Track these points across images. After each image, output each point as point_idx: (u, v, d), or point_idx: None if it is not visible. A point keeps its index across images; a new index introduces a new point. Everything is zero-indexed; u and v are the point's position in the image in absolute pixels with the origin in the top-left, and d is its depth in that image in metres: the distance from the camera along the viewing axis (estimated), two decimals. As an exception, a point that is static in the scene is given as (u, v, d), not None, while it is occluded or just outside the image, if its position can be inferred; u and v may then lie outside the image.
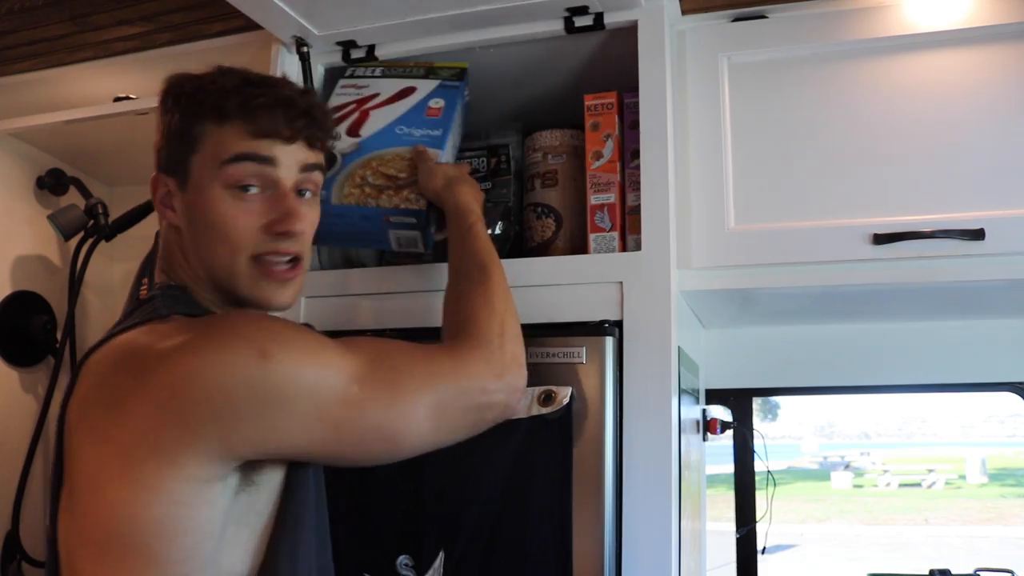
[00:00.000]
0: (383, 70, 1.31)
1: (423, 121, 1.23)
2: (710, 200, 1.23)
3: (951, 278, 1.14)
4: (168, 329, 0.79)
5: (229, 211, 0.87)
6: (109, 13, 1.51)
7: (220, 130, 0.87)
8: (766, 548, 1.57)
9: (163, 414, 0.73)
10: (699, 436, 1.36)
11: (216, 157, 0.87)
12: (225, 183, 0.87)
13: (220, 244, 0.88)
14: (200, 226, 0.88)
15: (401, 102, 1.26)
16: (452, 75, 1.29)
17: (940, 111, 1.17)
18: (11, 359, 1.69)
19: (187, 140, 0.88)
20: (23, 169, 1.75)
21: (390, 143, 1.21)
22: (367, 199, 1.16)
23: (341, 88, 1.30)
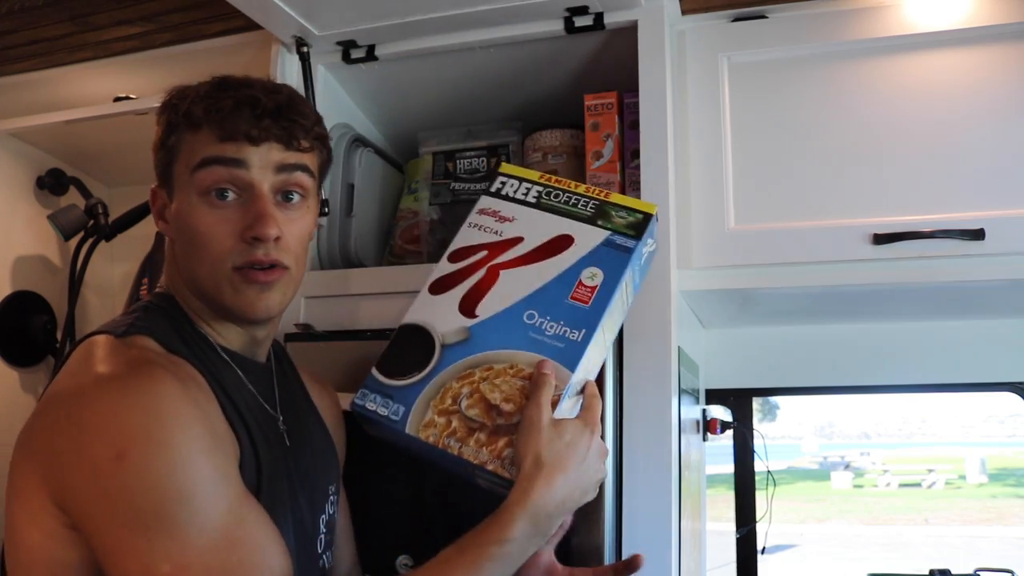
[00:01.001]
0: (541, 190, 0.95)
1: (566, 308, 0.87)
2: (710, 200, 1.23)
3: (951, 278, 1.14)
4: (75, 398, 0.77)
5: (207, 220, 0.85)
6: (109, 13, 1.51)
7: (193, 137, 0.86)
8: (766, 548, 1.57)
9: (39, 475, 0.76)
10: (699, 436, 1.36)
11: (189, 164, 0.86)
12: (198, 190, 0.85)
13: (200, 254, 0.86)
14: (184, 238, 0.87)
15: (547, 263, 0.90)
16: (629, 225, 0.93)
17: (940, 111, 1.17)
18: (11, 359, 1.69)
19: (168, 150, 0.88)
20: (23, 169, 1.75)
21: (510, 342, 0.86)
22: (450, 440, 0.84)
23: (478, 213, 0.97)
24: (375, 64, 1.37)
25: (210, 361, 0.87)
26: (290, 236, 0.88)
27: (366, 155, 1.44)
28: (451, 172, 1.40)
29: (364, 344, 1.22)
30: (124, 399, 0.74)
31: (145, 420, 0.73)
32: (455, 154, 1.41)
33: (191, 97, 0.87)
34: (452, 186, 1.40)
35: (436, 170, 1.41)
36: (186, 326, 0.88)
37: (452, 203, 1.39)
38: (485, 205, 0.97)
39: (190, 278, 0.88)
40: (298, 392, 1.03)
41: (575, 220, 0.93)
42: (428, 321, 0.89)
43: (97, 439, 0.73)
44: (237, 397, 0.86)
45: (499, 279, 0.90)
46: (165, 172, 0.90)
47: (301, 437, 0.96)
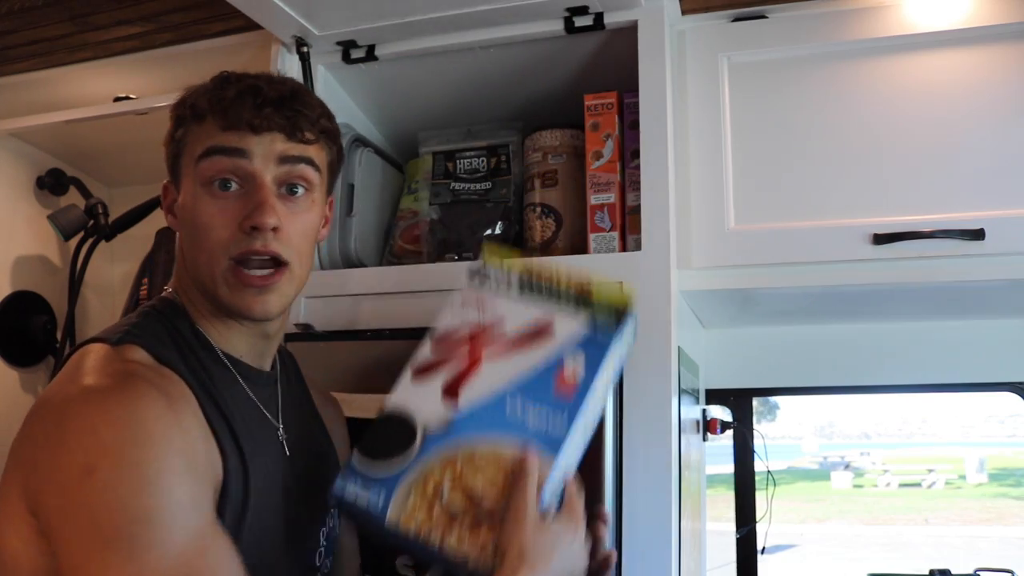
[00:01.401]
0: (523, 277, 0.95)
1: (548, 399, 0.87)
2: (710, 200, 1.23)
3: (951, 278, 1.14)
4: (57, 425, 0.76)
5: (208, 210, 0.84)
6: (109, 13, 1.51)
7: (198, 129, 0.86)
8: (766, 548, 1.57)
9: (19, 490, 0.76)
10: (699, 436, 1.36)
11: (192, 155, 0.86)
12: (201, 180, 0.85)
13: (202, 246, 0.85)
14: (187, 229, 0.87)
15: (530, 352, 0.90)
16: (609, 317, 0.92)
17: (940, 111, 1.17)
18: (11, 359, 1.69)
19: (175, 143, 0.89)
20: (23, 169, 1.75)
21: (492, 426, 0.86)
22: (431, 531, 0.81)
23: (460, 297, 0.96)
24: (375, 64, 1.37)
25: (207, 369, 0.85)
26: (292, 230, 0.86)
27: (366, 155, 1.44)
28: (451, 172, 1.40)
29: (364, 344, 1.22)
30: (103, 414, 0.73)
31: (120, 437, 0.72)
32: (455, 154, 1.41)
33: (198, 91, 0.88)
34: (452, 186, 1.40)
35: (436, 170, 1.41)
36: (186, 331, 0.87)
37: (452, 203, 1.39)
38: (468, 293, 0.96)
39: (194, 272, 0.88)
40: (303, 401, 1.02)
41: (556, 308, 0.93)
42: (410, 408, 0.87)
43: (71, 452, 0.72)
44: (232, 407, 0.85)
45: (482, 367, 0.89)
46: (174, 166, 0.90)
47: (303, 448, 0.95)
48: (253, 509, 0.82)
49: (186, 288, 0.90)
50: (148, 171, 1.81)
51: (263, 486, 0.84)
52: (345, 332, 1.23)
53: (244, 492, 0.81)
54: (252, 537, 0.82)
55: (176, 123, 0.89)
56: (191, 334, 0.87)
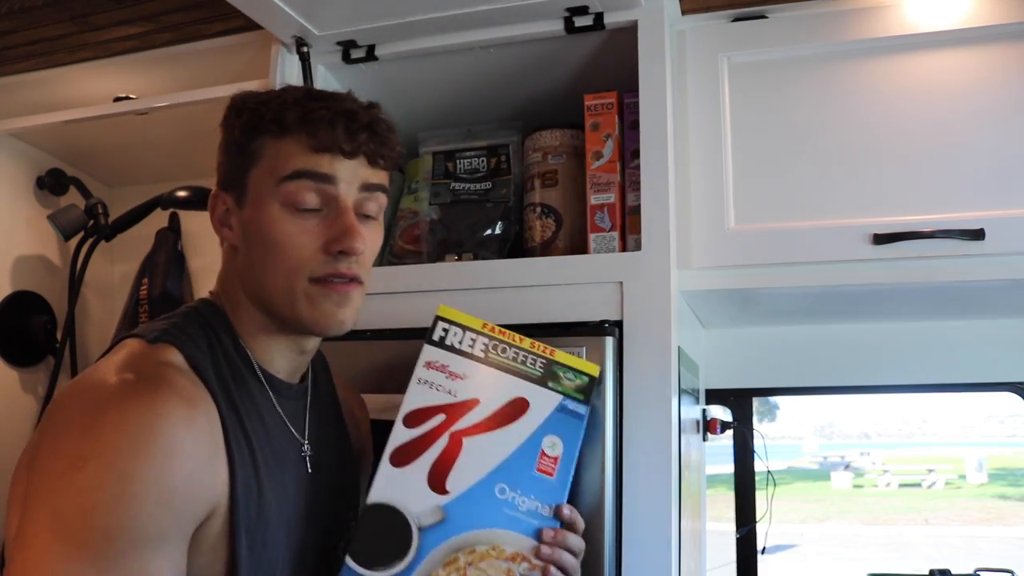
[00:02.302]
0: (487, 343, 0.94)
1: (533, 480, 0.88)
2: (710, 200, 1.23)
3: (951, 278, 1.14)
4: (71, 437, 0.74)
5: (287, 229, 0.83)
6: (109, 13, 1.51)
7: (279, 144, 0.84)
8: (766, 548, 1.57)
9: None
10: (699, 436, 1.36)
11: (275, 173, 0.84)
12: (283, 201, 0.83)
13: (278, 265, 0.83)
14: (257, 246, 0.85)
15: (507, 430, 0.90)
16: (578, 389, 0.94)
17: (940, 111, 1.17)
18: (11, 359, 1.69)
19: (246, 155, 0.86)
20: (23, 169, 1.75)
21: (488, 520, 0.86)
22: None
23: (426, 367, 0.93)
24: (375, 64, 1.37)
25: (239, 382, 0.84)
26: (368, 252, 0.87)
27: (366, 155, 1.44)
28: (451, 172, 1.40)
29: (364, 344, 1.22)
30: (115, 413, 0.72)
31: (120, 443, 0.71)
32: (455, 154, 1.41)
33: (277, 103, 0.85)
34: (452, 186, 1.40)
35: (436, 170, 1.41)
36: (226, 340, 0.86)
37: (452, 203, 1.39)
38: (431, 357, 0.94)
39: (257, 289, 0.86)
40: (332, 412, 1.01)
41: (527, 380, 0.93)
42: (398, 500, 0.86)
43: (71, 439, 0.72)
44: (257, 423, 0.84)
45: (463, 448, 0.88)
46: (236, 177, 0.87)
47: (327, 463, 0.94)
48: (269, 526, 0.81)
49: (234, 300, 0.88)
50: (148, 171, 1.82)
51: (280, 503, 0.84)
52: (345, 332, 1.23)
53: (259, 508, 0.81)
54: (269, 554, 0.82)
55: (247, 133, 0.86)
56: (230, 344, 0.86)
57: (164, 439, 0.73)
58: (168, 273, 1.68)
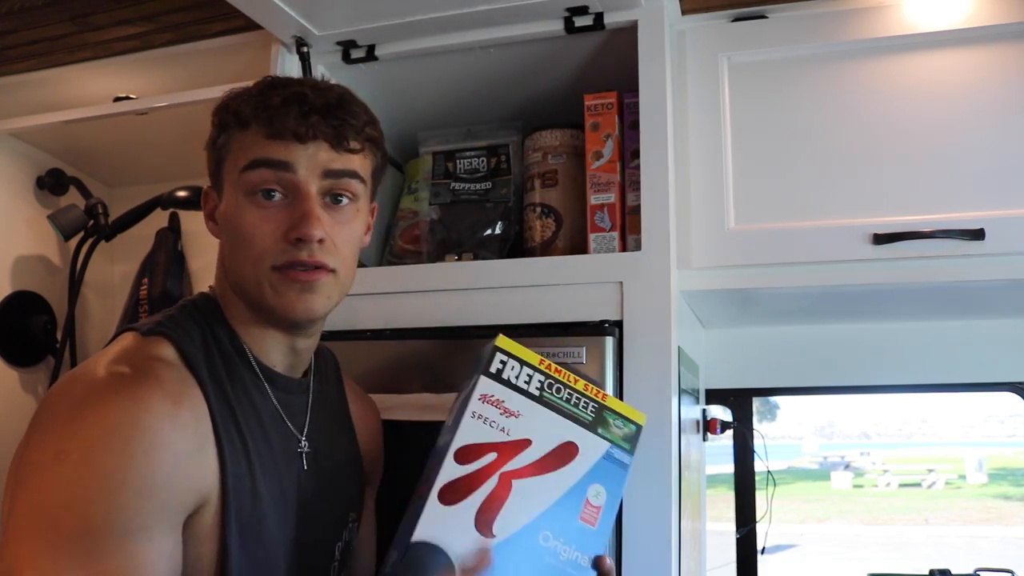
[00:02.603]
0: (543, 380, 0.91)
1: (575, 529, 0.87)
2: (710, 200, 1.23)
3: (951, 278, 1.14)
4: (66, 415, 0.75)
5: (250, 219, 0.84)
6: (109, 13, 1.51)
7: (242, 136, 0.85)
8: (766, 548, 1.57)
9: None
10: (699, 436, 1.36)
11: (236, 164, 0.85)
12: (245, 190, 0.84)
13: (245, 254, 0.84)
14: (230, 237, 0.87)
15: (556, 475, 0.88)
16: (625, 438, 0.92)
17: (940, 111, 1.18)
18: (11, 359, 1.69)
19: (217, 150, 0.88)
20: (23, 169, 1.75)
21: (530, 569, 0.84)
22: None
23: (480, 400, 0.89)
24: (375, 64, 1.37)
25: (233, 376, 0.84)
26: (337, 239, 0.86)
27: (366, 155, 1.44)
28: (451, 172, 1.40)
29: (364, 344, 1.22)
30: (99, 407, 0.73)
31: (101, 438, 0.71)
32: (455, 154, 1.41)
33: (241, 96, 0.87)
34: (452, 186, 1.40)
35: (436, 170, 1.41)
36: (221, 334, 0.86)
37: (452, 203, 1.39)
38: (487, 390, 0.89)
39: (235, 279, 0.87)
40: (337, 412, 1.01)
41: (578, 424, 0.90)
42: (444, 539, 0.83)
43: (54, 431, 0.73)
44: (251, 417, 0.84)
45: (512, 491, 0.86)
46: (215, 172, 0.89)
47: (326, 461, 0.94)
48: (262, 522, 0.81)
49: (225, 293, 0.89)
50: (148, 171, 1.82)
51: (274, 500, 0.84)
52: (345, 332, 1.23)
53: (252, 502, 0.81)
54: (265, 550, 0.82)
55: (218, 128, 0.88)
56: (226, 337, 0.86)
57: (145, 432, 0.72)
58: (168, 273, 1.68)
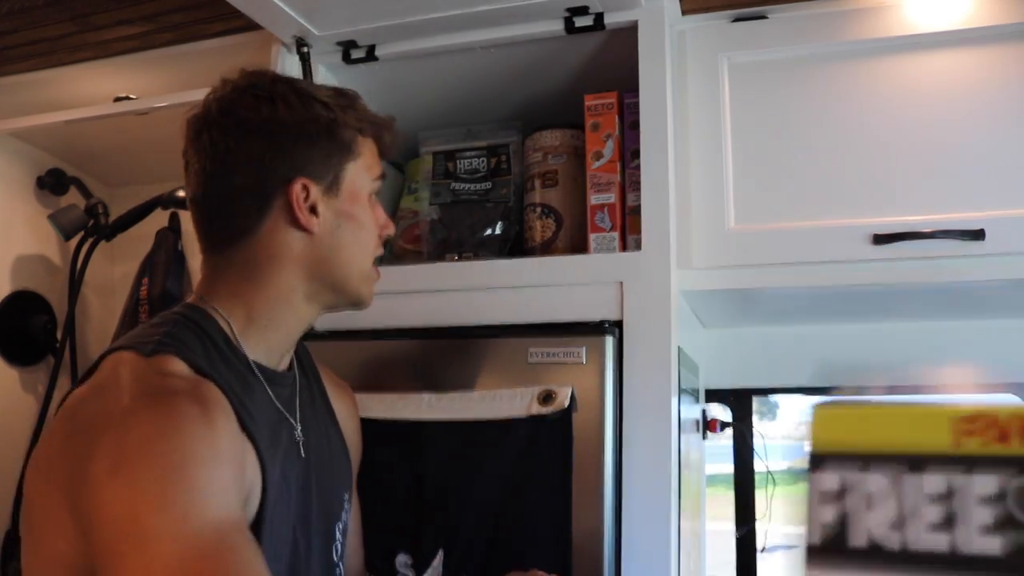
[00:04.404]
0: None
1: None
2: (710, 200, 1.23)
3: (951, 278, 1.14)
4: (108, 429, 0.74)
5: (373, 220, 0.95)
6: (109, 13, 1.51)
7: (366, 143, 0.94)
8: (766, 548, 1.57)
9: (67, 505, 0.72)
10: (699, 436, 1.36)
11: (370, 170, 0.94)
12: (369, 194, 0.94)
13: (364, 250, 0.94)
14: (351, 234, 0.92)
15: None
16: None
17: (940, 111, 1.17)
18: (11, 359, 1.69)
19: (343, 147, 0.91)
20: (23, 169, 1.75)
21: None
22: None
23: None
24: (375, 64, 1.37)
25: (238, 377, 0.85)
26: None
27: (366, 155, 1.44)
28: (451, 172, 1.40)
29: (364, 344, 1.22)
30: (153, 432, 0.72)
31: (179, 467, 0.71)
32: (455, 154, 1.41)
33: (352, 99, 0.93)
34: (452, 186, 1.40)
35: (436, 170, 1.41)
36: (219, 340, 0.86)
37: (452, 203, 1.39)
38: None
39: (332, 274, 0.91)
40: (318, 398, 1.02)
41: None
42: None
43: (132, 476, 0.70)
44: (257, 414, 0.84)
45: None
46: (329, 166, 0.90)
47: (318, 447, 0.95)
48: (273, 510, 0.82)
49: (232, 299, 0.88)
50: (148, 171, 1.82)
51: (282, 488, 0.85)
52: (345, 332, 1.23)
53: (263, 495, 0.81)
54: (274, 539, 0.82)
55: (339, 126, 0.90)
56: (223, 343, 0.86)
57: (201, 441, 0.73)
58: (168, 273, 1.68)
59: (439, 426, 1.13)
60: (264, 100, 0.87)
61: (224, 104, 0.88)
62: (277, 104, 0.87)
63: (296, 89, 0.89)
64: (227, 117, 0.87)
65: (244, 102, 0.88)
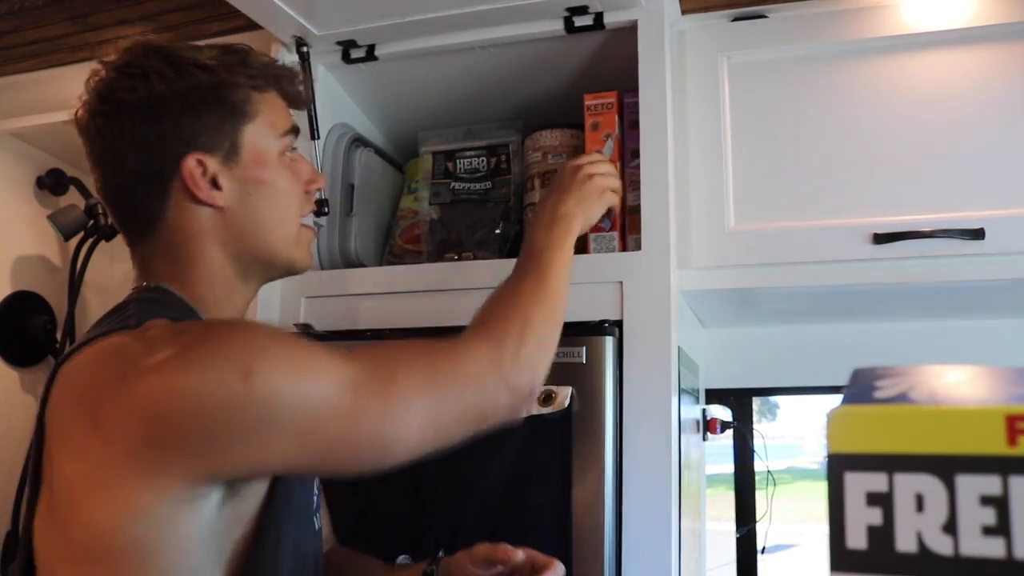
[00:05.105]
0: None
1: None
2: (710, 200, 1.23)
3: (951, 278, 1.14)
4: (150, 339, 0.72)
5: (289, 178, 0.89)
6: (109, 13, 1.51)
7: (266, 98, 0.89)
8: (766, 548, 1.57)
9: (141, 436, 0.67)
10: (699, 436, 1.36)
11: (274, 127, 0.88)
12: (279, 151, 0.89)
13: (284, 212, 0.89)
14: (263, 199, 0.87)
15: None
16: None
17: (940, 111, 1.17)
18: (11, 359, 1.69)
19: (234, 109, 0.85)
20: (23, 169, 1.75)
21: None
22: None
23: None
24: (375, 64, 1.37)
25: None
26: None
27: (366, 155, 1.44)
28: (451, 172, 1.40)
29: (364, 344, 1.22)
30: (225, 346, 0.70)
31: (260, 342, 0.71)
32: (455, 154, 1.41)
33: (242, 55, 0.87)
34: (452, 186, 1.40)
35: (436, 170, 1.41)
36: (183, 309, 0.84)
37: (452, 203, 1.39)
38: None
39: (256, 242, 0.87)
40: None
41: None
42: None
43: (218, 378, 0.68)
44: None
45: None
46: (223, 133, 0.84)
47: None
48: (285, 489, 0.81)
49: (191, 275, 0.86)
50: (148, 171, 1.82)
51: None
52: (345, 332, 1.23)
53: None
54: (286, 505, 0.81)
55: (227, 86, 0.84)
56: (188, 313, 0.84)
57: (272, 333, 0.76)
58: (168, 273, 1.68)
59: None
60: (138, 77, 0.82)
61: (102, 89, 0.84)
62: (151, 79, 0.82)
63: (171, 59, 0.83)
64: (106, 103, 0.84)
65: (120, 83, 0.83)
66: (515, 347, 0.86)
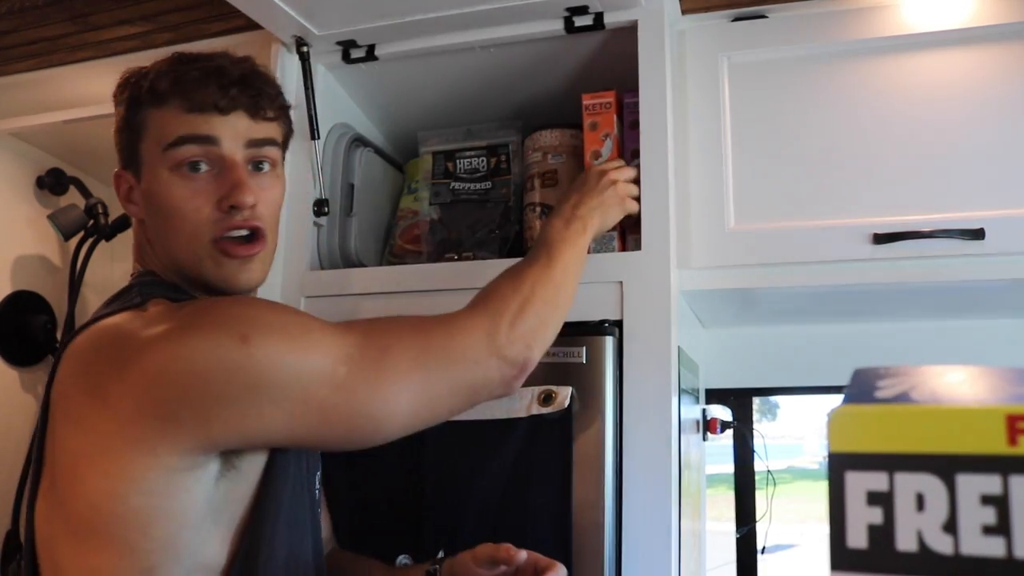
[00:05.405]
0: None
1: None
2: (710, 200, 1.23)
3: (951, 278, 1.14)
4: (150, 315, 0.77)
5: (180, 192, 0.86)
6: (109, 13, 1.51)
7: (159, 113, 0.87)
8: (766, 548, 1.57)
9: (141, 404, 0.71)
10: (699, 436, 1.36)
11: (159, 142, 0.86)
12: (170, 166, 0.86)
13: (178, 228, 0.86)
14: (158, 214, 0.88)
15: None
16: None
17: (940, 111, 1.17)
18: (11, 359, 1.69)
19: (132, 129, 0.89)
20: (23, 169, 1.75)
21: None
22: None
23: None
24: (375, 64, 1.37)
25: None
26: (263, 204, 0.90)
27: (366, 155, 1.44)
28: (451, 172, 1.40)
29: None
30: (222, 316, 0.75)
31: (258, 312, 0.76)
32: (455, 154, 1.41)
33: (153, 73, 0.88)
34: (452, 186, 1.40)
35: (436, 170, 1.41)
36: (184, 296, 0.88)
37: (452, 203, 1.39)
38: None
39: (168, 257, 0.89)
40: None
41: None
42: None
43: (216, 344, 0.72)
44: None
45: None
46: (131, 152, 0.90)
47: None
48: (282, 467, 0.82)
49: (162, 269, 0.91)
50: (148, 171, 1.82)
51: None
52: (345, 332, 1.23)
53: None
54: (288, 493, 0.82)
55: (131, 108, 0.89)
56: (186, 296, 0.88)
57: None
58: (168, 273, 1.68)
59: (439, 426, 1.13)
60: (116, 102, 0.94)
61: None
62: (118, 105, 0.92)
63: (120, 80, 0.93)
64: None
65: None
66: (511, 321, 0.88)
